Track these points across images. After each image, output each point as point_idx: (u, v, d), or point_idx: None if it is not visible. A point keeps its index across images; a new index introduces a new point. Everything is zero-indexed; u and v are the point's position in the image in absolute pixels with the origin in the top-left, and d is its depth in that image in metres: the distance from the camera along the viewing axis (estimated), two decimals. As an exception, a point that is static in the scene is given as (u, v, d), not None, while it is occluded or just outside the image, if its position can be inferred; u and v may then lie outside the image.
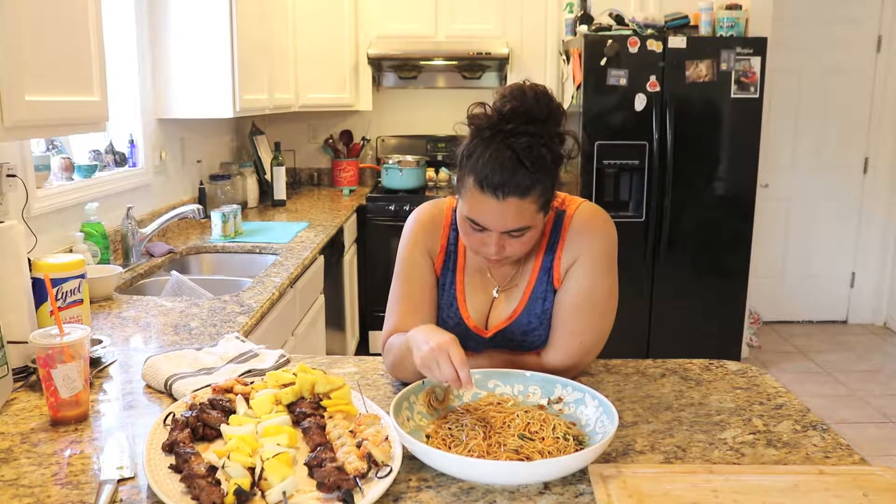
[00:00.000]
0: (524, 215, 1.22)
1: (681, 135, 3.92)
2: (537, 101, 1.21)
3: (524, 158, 1.17)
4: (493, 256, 1.28)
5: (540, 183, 1.20)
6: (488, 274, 1.41)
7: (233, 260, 2.94)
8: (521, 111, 1.19)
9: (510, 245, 1.27)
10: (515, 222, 1.22)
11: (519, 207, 1.20)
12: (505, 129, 1.19)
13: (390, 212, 4.15)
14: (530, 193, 1.20)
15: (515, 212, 1.21)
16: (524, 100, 1.20)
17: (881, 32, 4.84)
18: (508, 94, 1.22)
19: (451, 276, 1.43)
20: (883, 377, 4.25)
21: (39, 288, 1.54)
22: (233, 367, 1.44)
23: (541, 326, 1.38)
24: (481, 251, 1.30)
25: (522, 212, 1.21)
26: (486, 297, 1.42)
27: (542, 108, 1.20)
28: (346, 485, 0.97)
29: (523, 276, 1.39)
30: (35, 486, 1.04)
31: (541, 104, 1.21)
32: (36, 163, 2.25)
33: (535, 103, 1.20)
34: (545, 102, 1.21)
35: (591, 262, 1.35)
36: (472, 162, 1.21)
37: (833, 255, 5.12)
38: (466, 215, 1.26)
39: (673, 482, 1.03)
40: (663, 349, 4.08)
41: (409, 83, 4.72)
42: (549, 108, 1.21)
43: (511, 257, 1.30)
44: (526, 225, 1.24)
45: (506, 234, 1.25)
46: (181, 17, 3.04)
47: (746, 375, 1.49)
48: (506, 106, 1.20)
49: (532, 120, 1.19)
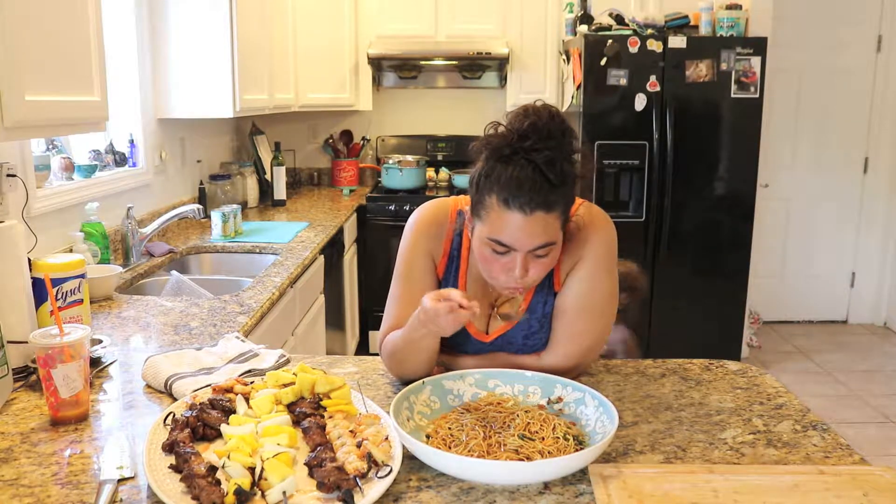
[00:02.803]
0: (550, 231, 1.20)
1: (681, 135, 3.92)
2: (552, 119, 1.20)
3: (548, 172, 1.16)
4: (517, 282, 1.24)
5: (563, 197, 1.20)
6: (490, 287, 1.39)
7: (233, 260, 2.94)
8: (539, 126, 1.18)
9: (534, 267, 1.23)
10: (543, 238, 1.20)
11: (545, 222, 1.19)
12: (524, 145, 1.17)
13: (390, 212, 4.15)
14: (556, 208, 1.19)
15: (542, 227, 1.19)
16: (540, 116, 1.19)
17: (881, 32, 4.84)
18: (523, 113, 1.21)
19: (453, 282, 1.41)
20: (883, 377, 4.25)
21: (39, 288, 1.54)
22: (233, 366, 1.44)
23: (541, 330, 1.38)
24: (503, 278, 1.25)
25: (548, 227, 1.19)
26: (487, 302, 1.41)
27: (557, 124, 1.19)
28: (346, 485, 0.97)
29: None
30: (35, 486, 1.04)
31: (556, 121, 1.20)
32: (36, 163, 2.24)
33: (551, 120, 1.19)
34: (559, 120, 1.21)
35: (591, 264, 1.34)
36: (493, 181, 1.19)
37: (833, 255, 5.12)
38: (490, 237, 1.22)
39: (673, 482, 1.03)
40: (663, 349, 4.08)
41: (409, 83, 4.72)
42: (564, 126, 1.21)
43: (532, 282, 1.27)
44: (551, 241, 1.21)
45: (531, 254, 1.21)
46: (181, 17, 3.04)
47: (746, 375, 1.49)
48: (523, 124, 1.19)
49: (550, 136, 1.18)
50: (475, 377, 1.29)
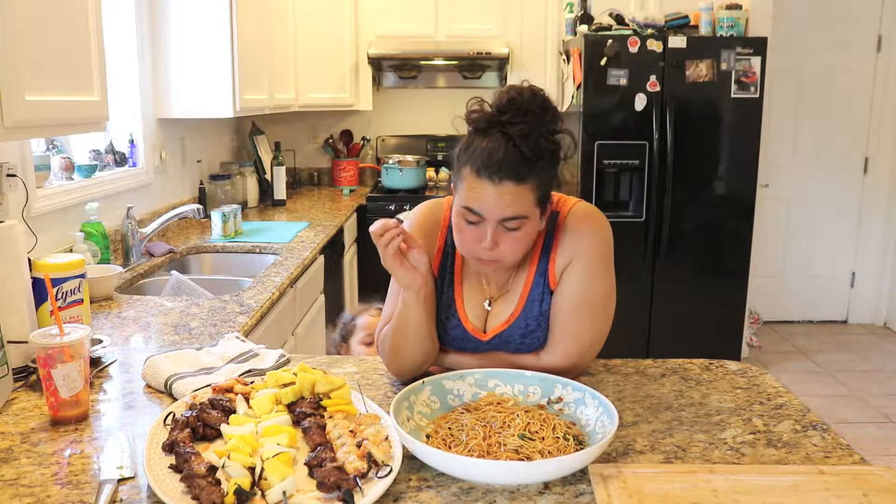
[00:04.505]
0: (520, 203, 1.21)
1: (681, 135, 3.92)
2: (534, 96, 1.22)
3: (520, 144, 1.19)
4: (485, 254, 1.25)
5: (536, 172, 1.21)
6: (483, 280, 1.40)
7: (233, 260, 2.94)
8: (518, 103, 1.21)
9: (504, 241, 1.24)
10: (511, 209, 1.21)
11: (515, 193, 1.20)
12: (501, 119, 1.21)
13: (390, 212, 4.15)
14: (527, 180, 1.20)
15: (512, 197, 1.20)
16: (520, 94, 1.22)
17: (881, 32, 4.84)
18: (506, 91, 1.24)
19: (449, 278, 1.42)
20: (883, 377, 4.25)
21: (39, 288, 1.54)
22: (233, 366, 1.44)
23: (538, 329, 1.38)
24: (475, 249, 1.26)
25: (519, 198, 1.21)
26: (484, 299, 1.41)
27: (537, 102, 1.22)
28: (346, 485, 0.96)
29: (519, 280, 1.38)
30: (35, 486, 1.04)
31: (537, 99, 1.22)
32: (36, 163, 2.24)
33: (532, 97, 1.22)
34: (541, 98, 1.23)
35: (586, 262, 1.34)
36: (469, 153, 1.23)
37: (833, 255, 5.12)
38: (462, 205, 1.24)
39: (673, 482, 1.03)
40: (663, 349, 4.08)
41: (409, 83, 4.72)
42: (545, 105, 1.23)
43: (504, 259, 1.28)
44: (522, 214, 1.22)
45: (501, 226, 1.23)
46: (181, 17, 3.04)
47: (746, 375, 1.49)
48: (503, 100, 1.22)
49: (527, 111, 1.21)
50: (475, 377, 1.29)
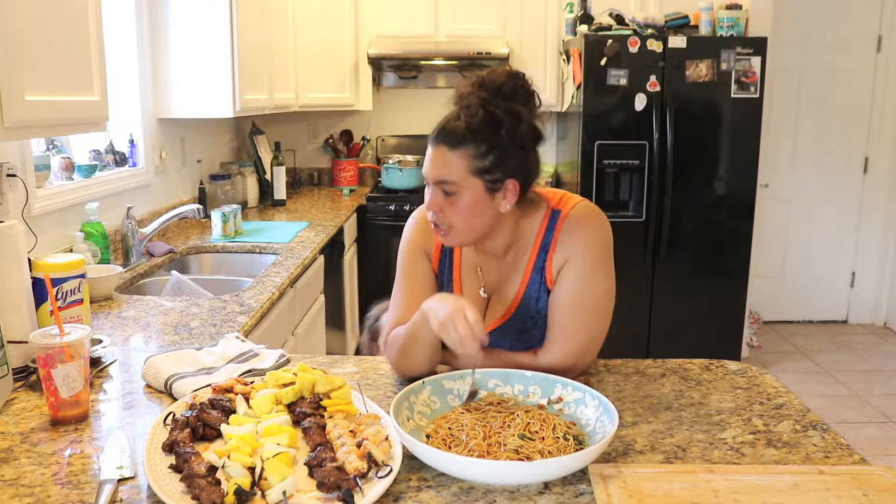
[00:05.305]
0: (451, 168, 1.27)
1: (681, 135, 3.92)
2: (509, 78, 1.28)
3: (463, 115, 1.27)
4: (432, 216, 1.32)
5: (474, 143, 1.26)
6: (479, 271, 1.43)
7: (233, 260, 2.94)
8: (487, 81, 1.28)
9: (447, 207, 1.30)
10: (442, 172, 1.28)
11: (446, 158, 1.28)
12: (464, 92, 1.28)
13: (390, 212, 4.15)
14: (460, 147, 1.27)
15: (442, 161, 1.28)
16: (495, 74, 1.28)
17: (881, 32, 4.84)
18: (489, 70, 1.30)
19: (448, 275, 1.45)
20: (883, 377, 4.25)
21: (39, 288, 1.54)
22: (233, 366, 1.44)
23: (535, 326, 1.38)
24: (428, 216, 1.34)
25: (449, 164, 1.27)
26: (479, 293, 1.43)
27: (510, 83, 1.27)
28: (346, 485, 0.97)
29: (517, 276, 1.39)
30: (35, 486, 1.04)
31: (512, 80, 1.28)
32: (36, 163, 2.24)
33: (507, 79, 1.28)
34: (505, 78, 1.27)
35: (583, 262, 1.34)
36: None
37: (833, 255, 5.12)
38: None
39: (673, 482, 1.03)
40: (663, 349, 4.08)
41: (409, 83, 4.71)
42: (517, 86, 1.28)
43: (453, 226, 1.32)
44: (451, 179, 1.28)
45: (439, 189, 1.29)
46: (181, 17, 3.04)
47: (746, 375, 1.49)
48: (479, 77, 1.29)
49: (482, 87, 1.28)
50: (475, 377, 1.29)
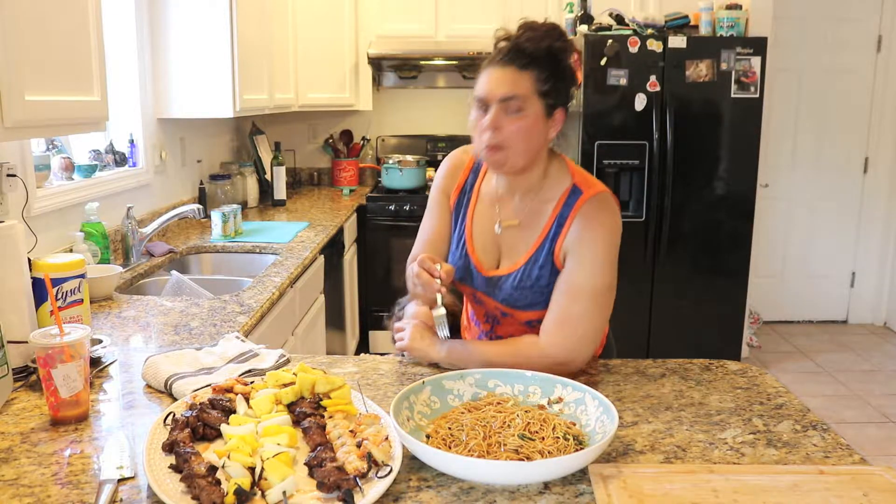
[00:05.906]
0: (519, 85, 1.34)
1: (681, 135, 3.92)
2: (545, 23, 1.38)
3: (523, 45, 1.36)
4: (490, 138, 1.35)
5: (538, 67, 1.35)
6: (496, 209, 1.49)
7: (233, 260, 2.94)
8: (531, 24, 1.38)
9: (507, 125, 1.34)
10: (512, 88, 1.34)
11: (516, 76, 1.35)
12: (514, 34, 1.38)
13: (390, 211, 4.15)
14: (529, 70, 1.35)
15: (512, 79, 1.35)
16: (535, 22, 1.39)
17: (881, 32, 4.84)
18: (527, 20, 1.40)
19: (463, 213, 1.54)
20: (883, 377, 4.25)
21: (39, 288, 1.54)
22: (233, 366, 1.44)
23: (531, 293, 1.43)
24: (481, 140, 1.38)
25: (519, 82, 1.34)
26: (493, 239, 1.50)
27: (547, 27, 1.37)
28: (346, 485, 0.96)
29: (530, 236, 1.45)
30: (35, 486, 1.04)
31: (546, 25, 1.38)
32: (36, 163, 2.24)
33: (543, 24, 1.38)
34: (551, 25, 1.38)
35: (590, 252, 1.39)
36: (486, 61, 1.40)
37: (833, 255, 5.12)
38: (475, 95, 1.38)
39: (673, 482, 1.03)
40: (663, 349, 4.08)
41: (409, 83, 4.72)
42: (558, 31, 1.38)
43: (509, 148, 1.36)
44: (520, 94, 1.34)
45: (502, 108, 1.34)
46: (181, 17, 3.04)
47: (746, 375, 1.49)
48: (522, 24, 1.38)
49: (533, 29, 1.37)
50: (475, 377, 1.29)
